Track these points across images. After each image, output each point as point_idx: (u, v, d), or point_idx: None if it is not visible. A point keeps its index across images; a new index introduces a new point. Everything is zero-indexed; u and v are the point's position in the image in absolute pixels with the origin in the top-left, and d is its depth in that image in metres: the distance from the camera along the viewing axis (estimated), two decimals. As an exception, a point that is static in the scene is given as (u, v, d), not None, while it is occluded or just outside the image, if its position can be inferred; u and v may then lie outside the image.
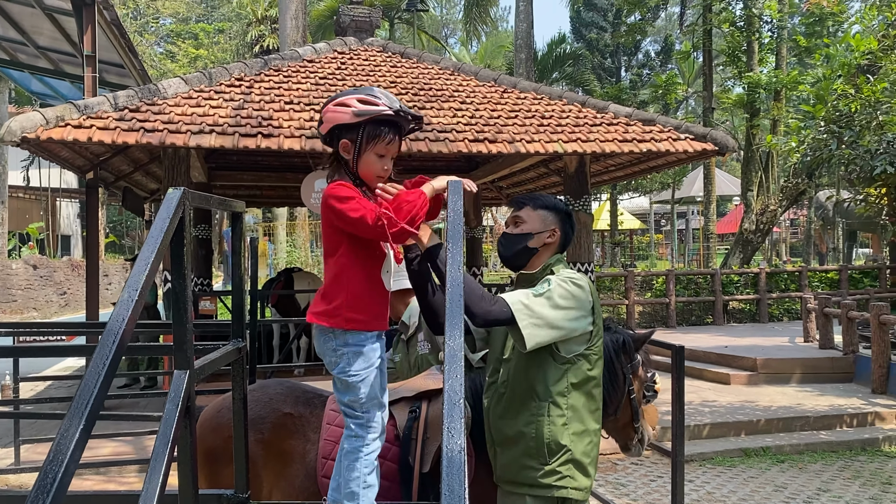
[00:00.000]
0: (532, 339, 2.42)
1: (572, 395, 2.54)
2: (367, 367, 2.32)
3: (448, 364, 1.57)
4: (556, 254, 2.74)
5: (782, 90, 16.36)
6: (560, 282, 2.53)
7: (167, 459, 1.85)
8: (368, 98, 2.32)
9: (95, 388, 1.48)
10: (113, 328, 1.60)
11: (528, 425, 2.53)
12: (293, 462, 2.86)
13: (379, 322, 2.37)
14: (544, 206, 2.74)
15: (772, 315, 16.01)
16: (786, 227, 34.83)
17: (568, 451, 2.51)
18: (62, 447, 1.38)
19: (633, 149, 8.00)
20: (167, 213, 1.96)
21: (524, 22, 18.08)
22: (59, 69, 12.88)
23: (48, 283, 23.25)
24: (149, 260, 1.79)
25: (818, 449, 7.45)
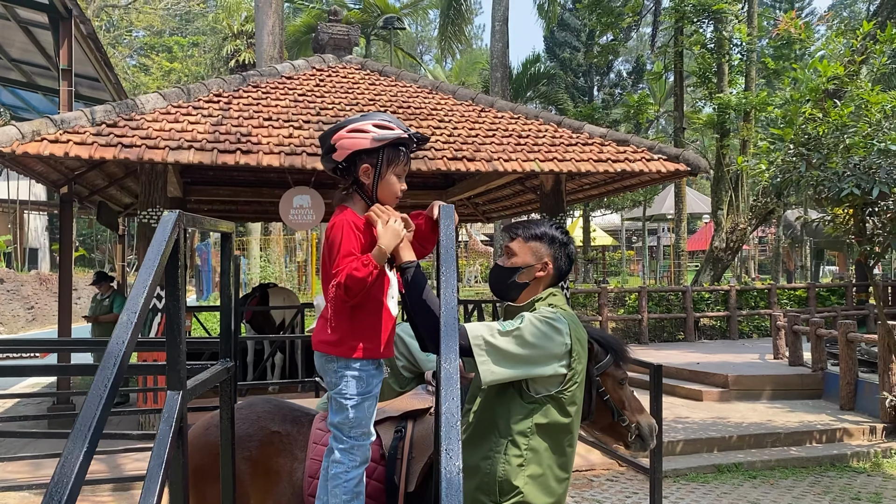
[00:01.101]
0: (488, 375, 2.33)
1: (535, 438, 2.41)
2: (364, 393, 2.33)
3: (444, 386, 1.62)
4: (551, 286, 2.65)
5: (751, 111, 16.71)
6: (534, 319, 2.42)
7: (161, 480, 1.87)
8: (383, 123, 2.38)
9: (98, 410, 1.50)
10: (113, 351, 1.62)
11: (485, 460, 2.42)
12: (280, 480, 2.87)
13: (385, 349, 2.38)
14: (536, 236, 2.63)
15: (742, 332, 16.25)
16: (755, 244, 35.37)
17: (519, 494, 2.37)
18: (66, 470, 1.39)
19: (608, 168, 8.13)
20: (163, 235, 1.99)
21: (500, 41, 18.28)
22: (32, 81, 12.75)
23: (15, 297, 22.84)
24: (147, 282, 1.82)
25: (789, 465, 7.58)
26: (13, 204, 28.45)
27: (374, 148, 2.36)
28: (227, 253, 2.64)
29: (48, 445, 7.02)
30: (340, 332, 2.31)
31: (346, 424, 2.32)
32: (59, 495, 1.34)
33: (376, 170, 2.37)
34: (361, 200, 2.41)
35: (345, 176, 2.44)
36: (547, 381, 2.44)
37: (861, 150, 6.81)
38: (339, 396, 2.32)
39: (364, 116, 2.44)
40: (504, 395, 2.47)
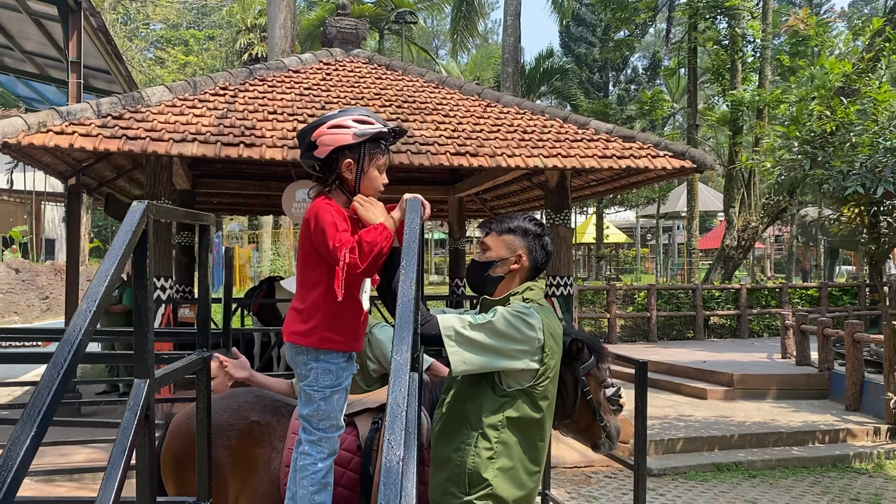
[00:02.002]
0: (459, 365, 2.35)
1: (505, 431, 2.42)
2: (333, 385, 2.35)
3: (393, 377, 1.63)
4: (527, 279, 2.65)
5: (765, 108, 16.57)
6: (506, 312, 2.44)
7: (123, 466, 1.89)
8: (362, 118, 2.40)
9: (49, 395, 1.53)
10: (69, 338, 1.65)
11: (456, 452, 2.44)
12: (258, 469, 2.90)
13: (355, 342, 2.39)
14: (509, 230, 2.65)
15: (752, 331, 16.15)
16: (770, 243, 35.11)
17: (489, 486, 2.39)
18: (13, 453, 1.42)
19: (613, 165, 8.10)
20: (130, 225, 2.01)
21: (511, 36, 18.23)
22: (46, 74, 12.88)
23: (30, 287, 23.11)
24: (109, 272, 1.84)
25: (790, 464, 7.54)
26: (30, 195, 28.79)
27: (356, 143, 2.37)
28: (204, 244, 2.67)
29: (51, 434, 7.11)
30: (312, 324, 2.32)
31: (315, 416, 2.33)
32: (3, 478, 1.37)
33: (358, 165, 2.38)
34: (343, 196, 2.42)
35: (325, 172, 2.44)
36: (519, 375, 2.45)
37: (867, 149, 6.75)
38: (308, 388, 2.34)
39: (342, 112, 2.46)
40: (477, 389, 2.49)
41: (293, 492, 2.40)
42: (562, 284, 8.54)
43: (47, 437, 5.39)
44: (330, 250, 2.23)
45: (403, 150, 7.42)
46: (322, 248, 2.27)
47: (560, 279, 8.55)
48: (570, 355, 3.01)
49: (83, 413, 8.28)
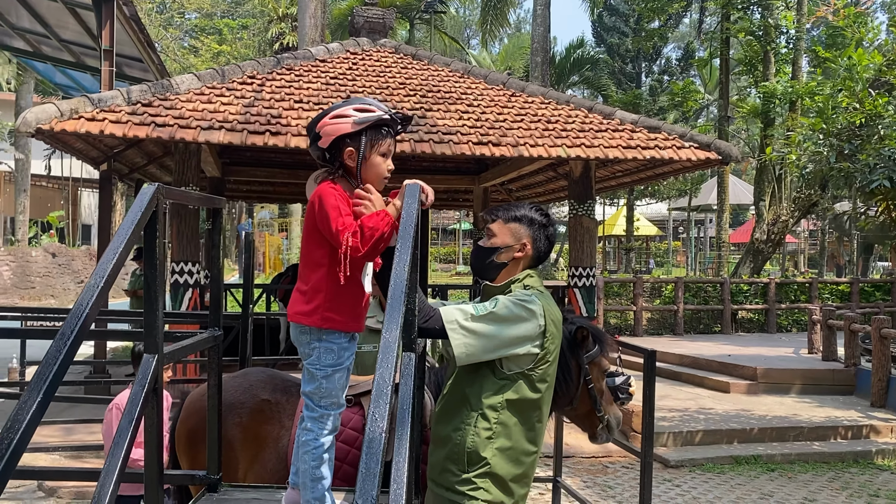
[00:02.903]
0: (464, 357, 2.42)
1: (504, 412, 2.49)
2: (335, 364, 2.41)
3: (381, 355, 1.70)
4: (528, 268, 2.70)
5: (798, 100, 16.31)
6: (507, 301, 2.50)
7: (130, 436, 1.99)
8: (363, 106, 2.45)
9: (55, 365, 1.62)
10: (77, 311, 1.74)
11: (456, 431, 2.51)
12: (267, 446, 3.00)
13: (355, 323, 2.44)
14: (516, 218, 2.69)
15: (780, 326, 15.97)
16: (804, 238, 34.55)
17: (487, 465, 2.46)
18: (20, 417, 1.51)
19: (637, 155, 8.08)
20: (139, 207, 2.10)
21: (541, 26, 18.16)
22: (81, 62, 13.13)
23: (66, 271, 23.65)
24: (117, 250, 1.93)
25: (810, 459, 7.49)
26: (67, 181, 29.43)
27: (357, 131, 2.43)
28: (216, 228, 2.76)
29: (82, 411, 7.35)
30: (314, 304, 2.39)
31: (317, 394, 2.41)
32: (10, 439, 1.46)
33: (359, 153, 2.44)
34: (348, 184, 2.48)
35: (332, 162, 2.51)
36: (519, 359, 2.51)
37: (894, 142, 6.65)
38: (310, 367, 2.41)
39: (346, 102, 2.51)
40: (477, 371, 2.55)
41: (297, 466, 2.48)
42: (584, 276, 8.55)
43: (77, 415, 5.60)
44: (333, 233, 2.30)
45: (426, 139, 7.48)
46: (325, 230, 2.34)
47: (583, 270, 8.56)
48: (574, 343, 3.06)
49: (112, 392, 8.49)
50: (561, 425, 4.54)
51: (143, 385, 2.11)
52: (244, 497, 2.78)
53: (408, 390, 2.00)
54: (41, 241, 28.16)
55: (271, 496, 2.76)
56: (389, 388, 1.63)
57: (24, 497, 5.77)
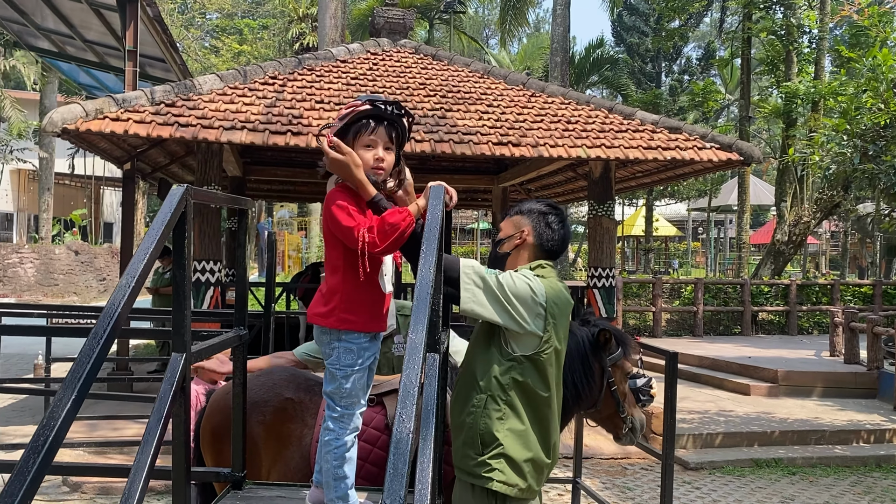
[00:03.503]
0: (467, 303, 2.45)
1: (512, 393, 2.53)
2: (355, 364, 2.43)
3: (408, 356, 1.71)
4: (537, 258, 2.73)
5: (821, 101, 16.16)
6: (511, 273, 2.57)
7: (159, 434, 2.02)
8: (348, 104, 2.49)
9: (89, 363, 1.65)
10: (109, 311, 1.77)
11: (469, 415, 2.57)
12: (290, 444, 3.02)
13: (374, 324, 2.45)
14: (518, 211, 2.80)
15: (801, 328, 15.84)
16: (826, 239, 34.18)
17: (500, 446, 2.51)
18: (55, 413, 1.55)
19: (658, 156, 8.05)
20: (169, 207, 2.13)
21: (560, 26, 18.11)
22: (105, 62, 13.28)
23: (89, 268, 23.92)
24: (148, 250, 1.97)
25: (832, 463, 7.43)
26: (90, 179, 29.76)
27: (343, 129, 2.45)
28: (242, 227, 2.79)
29: (105, 408, 7.44)
30: (331, 305, 2.42)
31: (338, 394, 2.43)
32: (46, 435, 1.49)
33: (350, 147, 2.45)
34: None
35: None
36: (523, 340, 2.55)
37: (919, 143, 6.58)
38: (331, 367, 2.44)
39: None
40: (483, 353, 2.61)
41: (320, 465, 2.51)
42: (604, 276, 8.53)
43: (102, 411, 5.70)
44: (345, 233, 2.33)
45: (446, 139, 7.50)
46: (337, 232, 2.37)
47: (602, 270, 8.53)
48: (597, 346, 3.09)
49: (135, 390, 8.59)
50: (581, 426, 4.54)
51: (171, 383, 2.14)
52: (268, 495, 2.81)
53: (432, 391, 2.02)
54: (64, 238, 28.52)
55: (295, 494, 2.79)
56: (416, 388, 1.64)
57: (50, 492, 5.85)
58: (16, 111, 26.00)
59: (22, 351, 11.20)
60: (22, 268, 22.63)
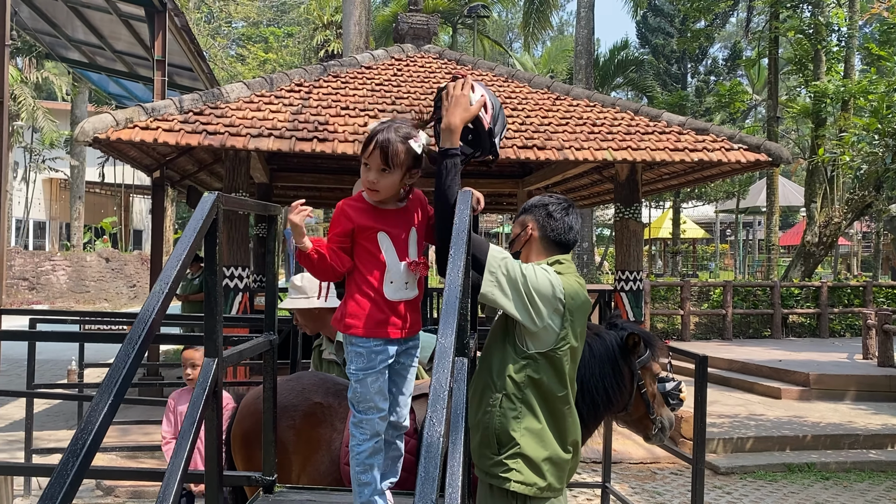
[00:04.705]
0: (488, 286, 2.44)
1: (527, 391, 2.51)
2: (365, 368, 2.42)
3: (438, 360, 1.72)
4: (549, 252, 2.71)
5: (850, 100, 15.93)
6: (535, 267, 2.55)
7: (193, 437, 2.05)
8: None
9: (124, 368, 1.68)
10: (143, 317, 1.80)
11: (485, 414, 2.54)
12: (320, 449, 3.04)
13: (378, 329, 2.43)
14: (523, 210, 2.81)
15: (833, 330, 15.59)
16: (857, 240, 33.64)
17: (516, 446, 2.49)
18: (92, 418, 1.58)
19: (685, 158, 7.99)
20: (201, 214, 2.16)
21: (585, 28, 18.06)
22: (134, 72, 13.50)
23: (119, 275, 24.26)
24: (181, 256, 2.00)
25: (866, 468, 7.30)
26: (120, 187, 30.21)
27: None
28: (272, 234, 2.82)
29: (137, 413, 7.54)
30: (341, 310, 2.48)
31: (354, 398, 2.44)
32: (84, 440, 1.52)
33: None
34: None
35: None
36: (539, 336, 2.51)
37: (953, 141, 6.46)
38: (348, 371, 2.47)
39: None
40: (499, 351, 2.60)
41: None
42: (631, 279, 8.48)
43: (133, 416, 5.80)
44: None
45: (471, 143, 7.50)
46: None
47: (629, 274, 8.48)
48: (626, 349, 3.08)
49: (166, 395, 8.69)
50: (609, 431, 4.52)
51: (204, 388, 2.17)
52: (299, 498, 2.83)
53: (461, 395, 2.03)
54: (95, 246, 28.96)
55: (326, 497, 2.80)
56: (446, 392, 1.65)
57: (83, 495, 5.95)
58: (48, 121, 26.49)
59: (55, 357, 11.39)
60: (55, 275, 23.03)
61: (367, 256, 2.44)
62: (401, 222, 2.48)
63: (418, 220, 2.51)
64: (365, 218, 2.44)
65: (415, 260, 2.47)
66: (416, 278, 2.50)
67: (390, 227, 2.44)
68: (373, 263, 2.43)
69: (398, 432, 2.58)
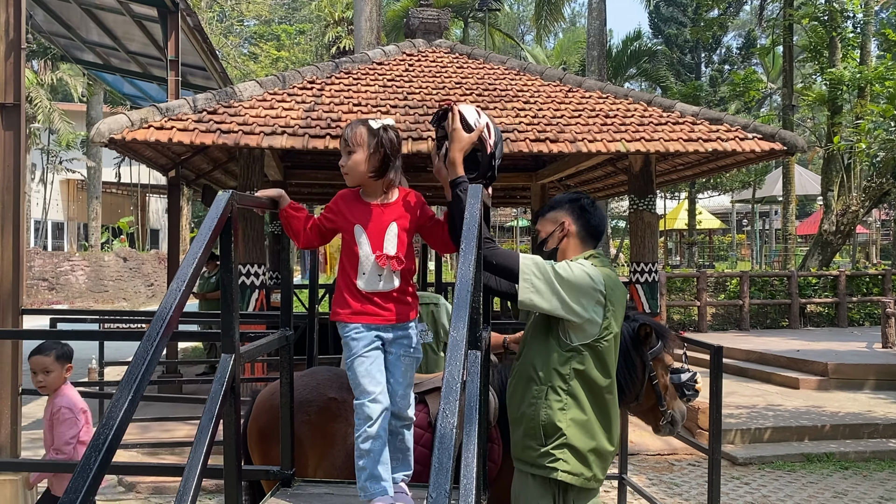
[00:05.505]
0: (525, 293, 2.49)
1: (573, 383, 2.57)
2: (350, 355, 2.54)
3: (450, 352, 1.74)
4: (585, 248, 2.77)
5: (867, 86, 15.75)
6: (571, 264, 2.61)
7: (211, 433, 2.09)
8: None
9: (144, 363, 1.72)
10: (161, 314, 1.84)
11: (530, 407, 2.60)
12: (335, 443, 3.08)
13: (357, 316, 2.54)
14: (551, 207, 2.86)
15: (852, 319, 15.47)
16: (876, 228, 33.28)
17: (563, 436, 2.54)
18: (113, 413, 1.61)
19: (699, 148, 7.94)
20: (216, 212, 2.20)
21: (597, 19, 17.96)
22: (148, 72, 13.58)
23: (137, 274, 24.48)
24: (197, 254, 2.03)
25: (886, 457, 7.26)
26: (136, 187, 30.44)
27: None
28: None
29: (156, 410, 7.62)
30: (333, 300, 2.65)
31: (350, 385, 2.57)
32: (106, 434, 1.56)
33: None
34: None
35: None
36: (582, 328, 2.58)
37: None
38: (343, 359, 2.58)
39: None
40: (544, 346, 2.64)
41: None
42: (646, 271, 8.45)
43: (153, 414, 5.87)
44: None
45: (483, 137, 7.50)
46: None
47: (644, 265, 8.45)
48: (637, 340, 3.10)
49: (185, 392, 8.77)
50: (626, 422, 4.52)
51: (221, 383, 2.20)
52: (317, 492, 2.86)
53: (475, 387, 2.05)
54: (113, 245, 29.22)
55: (343, 490, 2.84)
56: (459, 384, 1.67)
57: (106, 492, 6.02)
58: (64, 123, 26.74)
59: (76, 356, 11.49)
60: (73, 275, 23.27)
61: (346, 248, 2.58)
62: (382, 217, 2.56)
63: (404, 217, 2.58)
64: (347, 210, 2.59)
65: (387, 254, 2.52)
66: (392, 272, 2.54)
67: (368, 220, 2.55)
68: (351, 255, 2.56)
69: (401, 422, 2.62)
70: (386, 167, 2.57)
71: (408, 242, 2.59)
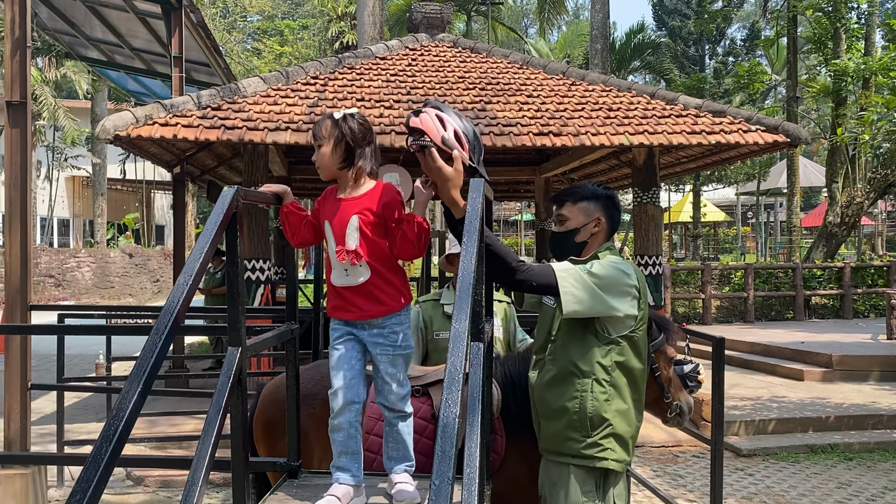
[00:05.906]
0: (569, 306, 2.56)
1: (615, 374, 2.66)
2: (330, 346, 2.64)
3: (452, 344, 1.77)
4: (605, 242, 2.84)
5: (871, 78, 15.71)
6: (603, 262, 2.68)
7: (218, 425, 2.12)
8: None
9: (152, 358, 1.75)
10: (169, 308, 1.87)
11: (572, 400, 2.65)
12: (341, 436, 3.11)
13: (335, 311, 2.62)
14: (584, 197, 2.83)
15: (857, 311, 15.45)
16: (882, 219, 33.18)
17: (610, 426, 2.63)
18: (123, 405, 1.65)
19: (702, 141, 7.96)
20: (221, 208, 2.23)
21: (600, 12, 17.94)
22: (152, 69, 13.61)
23: (143, 270, 24.57)
24: (203, 249, 2.06)
25: (890, 448, 7.27)
26: (141, 184, 30.54)
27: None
28: (290, 225, 2.88)
29: (164, 404, 7.68)
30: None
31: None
32: (116, 426, 1.59)
33: None
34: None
35: None
36: (620, 321, 2.67)
37: (974, 117, 6.38)
38: None
39: None
40: (582, 340, 2.69)
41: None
42: (650, 264, 8.47)
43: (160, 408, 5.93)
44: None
45: (486, 131, 7.53)
46: None
47: (649, 258, 8.48)
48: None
49: (191, 386, 8.83)
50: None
51: (228, 376, 2.24)
52: (323, 483, 2.89)
53: (477, 379, 2.08)
54: (118, 242, 29.34)
55: (349, 482, 2.87)
56: (461, 375, 1.70)
57: (115, 485, 6.08)
58: (69, 120, 26.81)
59: (83, 352, 11.59)
60: (80, 272, 23.38)
61: (327, 245, 2.64)
62: (345, 211, 2.56)
63: (367, 210, 2.53)
64: (322, 205, 2.64)
65: (346, 248, 2.52)
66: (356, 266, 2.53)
67: (334, 215, 2.57)
68: (328, 251, 2.63)
69: (395, 414, 2.64)
70: (352, 156, 2.54)
71: (374, 236, 2.53)
